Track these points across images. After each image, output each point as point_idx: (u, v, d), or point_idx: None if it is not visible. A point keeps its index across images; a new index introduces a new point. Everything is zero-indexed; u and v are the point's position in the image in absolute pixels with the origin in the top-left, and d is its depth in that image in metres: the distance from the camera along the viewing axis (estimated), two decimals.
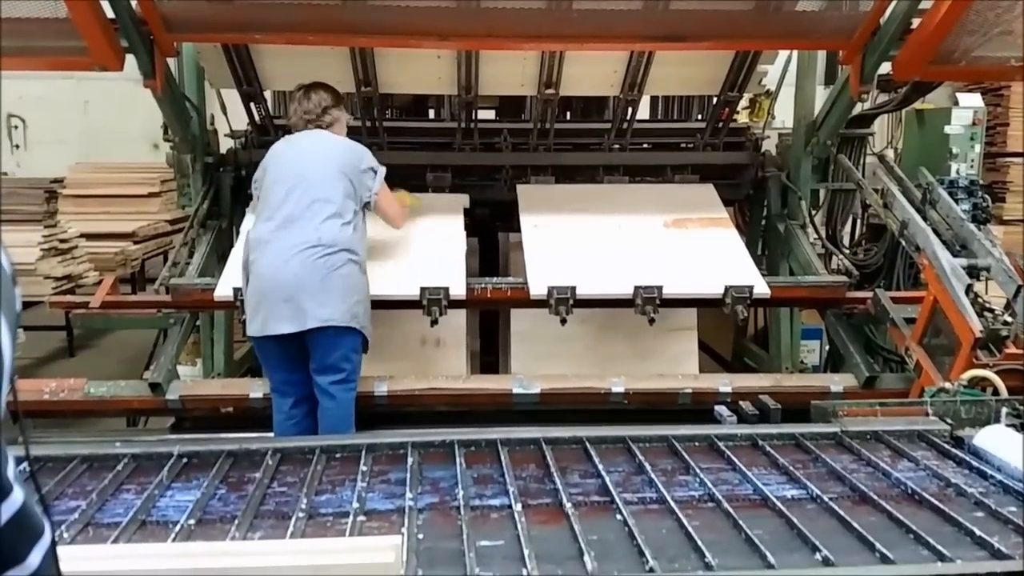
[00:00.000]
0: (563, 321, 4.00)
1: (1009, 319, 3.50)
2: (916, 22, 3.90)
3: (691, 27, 4.05)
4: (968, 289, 3.61)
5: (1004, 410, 2.51)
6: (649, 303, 3.96)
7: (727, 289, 4.01)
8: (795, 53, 5.20)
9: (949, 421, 2.49)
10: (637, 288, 3.97)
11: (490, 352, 4.83)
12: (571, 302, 3.96)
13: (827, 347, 5.23)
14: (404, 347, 4.46)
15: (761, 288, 4.08)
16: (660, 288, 3.96)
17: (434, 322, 3.98)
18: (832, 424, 2.45)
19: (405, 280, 4.00)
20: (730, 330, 5.47)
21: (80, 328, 6.76)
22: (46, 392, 3.83)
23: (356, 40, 4.22)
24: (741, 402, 2.62)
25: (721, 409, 2.60)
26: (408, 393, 3.93)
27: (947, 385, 2.85)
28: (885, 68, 4.22)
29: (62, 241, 6.93)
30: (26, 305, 6.63)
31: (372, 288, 3.79)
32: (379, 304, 3.91)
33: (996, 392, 2.83)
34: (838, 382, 4.08)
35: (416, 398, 3.92)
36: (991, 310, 3.62)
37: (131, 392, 3.90)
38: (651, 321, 4.01)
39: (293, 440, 2.27)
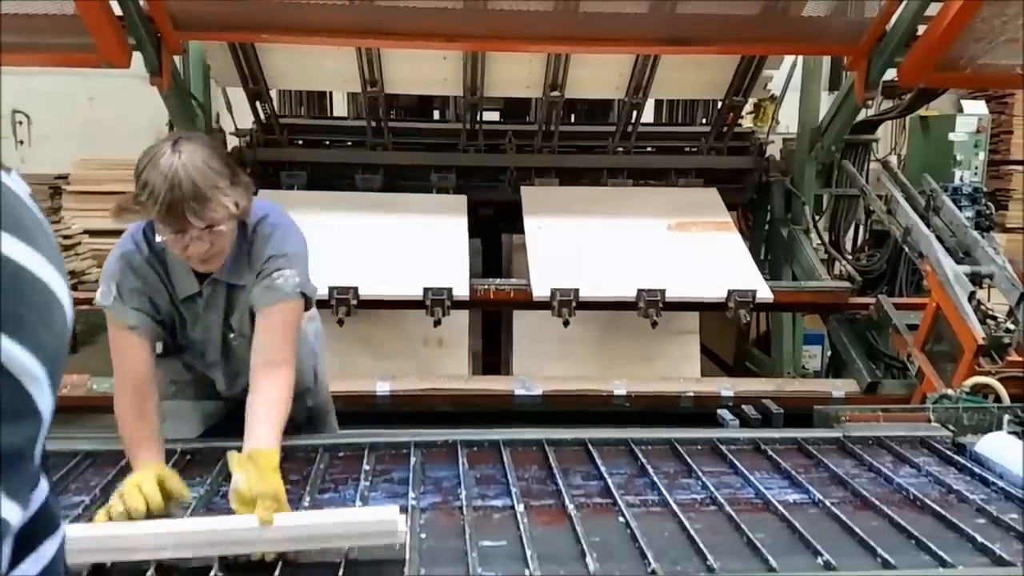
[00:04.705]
0: (566, 323, 4.01)
1: (1011, 327, 3.50)
2: (922, 29, 3.91)
3: (697, 31, 4.06)
4: (971, 296, 3.62)
5: (1006, 417, 2.51)
6: (652, 306, 3.96)
7: (730, 293, 4.02)
8: (800, 58, 5.21)
9: (951, 428, 2.49)
10: (640, 291, 3.97)
11: (492, 353, 4.83)
12: (574, 304, 3.97)
13: (829, 352, 5.23)
14: (406, 347, 4.46)
15: (764, 293, 4.08)
16: (663, 291, 3.97)
17: (437, 322, 3.98)
18: (835, 429, 2.44)
19: (408, 280, 4.01)
20: (733, 334, 5.47)
21: (83, 324, 6.76)
22: None
23: (363, 40, 4.22)
24: (744, 406, 2.62)
25: (724, 413, 2.60)
26: (410, 393, 3.93)
27: (949, 392, 2.85)
28: (890, 74, 4.22)
29: (66, 237, 6.93)
30: None
31: (376, 287, 3.80)
32: (382, 304, 3.93)
33: (998, 399, 2.83)
34: (840, 387, 4.08)
35: (418, 398, 3.92)
36: (994, 317, 3.63)
37: None
38: (654, 324, 4.01)
39: (296, 438, 2.26)
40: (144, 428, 1.98)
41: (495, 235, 5.04)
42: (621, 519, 1.80)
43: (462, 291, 4.00)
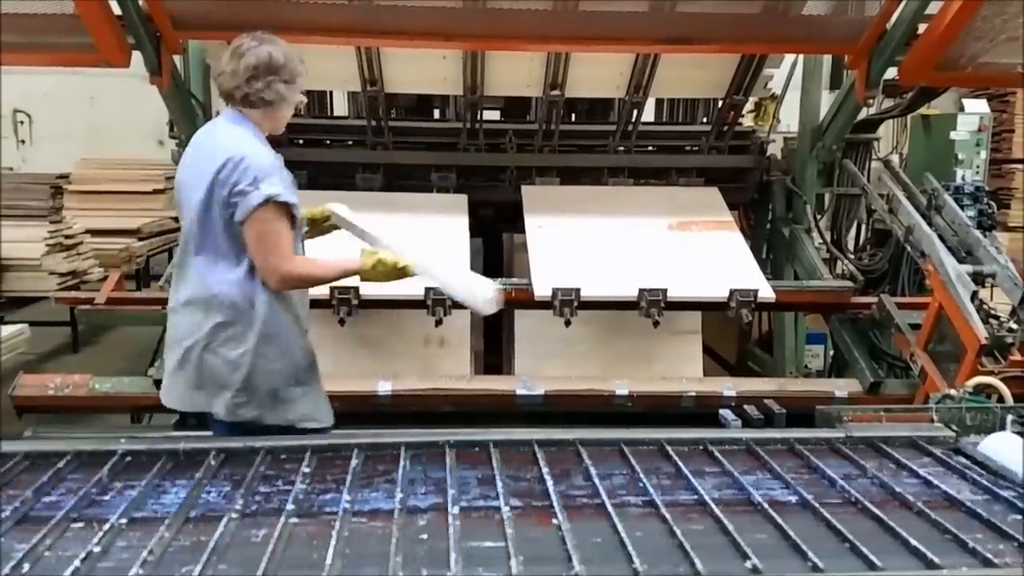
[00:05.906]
0: (567, 323, 3.99)
1: (1014, 326, 3.49)
2: (922, 28, 3.89)
3: (697, 29, 4.05)
4: (973, 295, 3.60)
5: (1010, 417, 2.49)
6: (653, 306, 3.94)
7: (732, 293, 4.00)
8: (801, 57, 5.19)
9: (954, 428, 2.47)
10: (641, 291, 3.95)
11: (493, 353, 4.82)
12: (576, 304, 3.95)
13: (831, 352, 5.22)
14: (407, 347, 4.45)
15: (766, 292, 4.06)
16: (664, 291, 3.95)
17: (438, 322, 3.97)
18: (836, 429, 2.42)
19: (409, 280, 3.99)
20: (735, 334, 5.46)
21: (84, 324, 6.76)
22: (51, 387, 3.83)
23: (362, 39, 4.22)
24: (746, 406, 2.61)
25: (726, 413, 2.58)
26: (411, 393, 3.91)
27: (952, 392, 2.82)
28: (891, 73, 4.20)
29: (67, 237, 6.95)
30: (31, 300, 6.67)
31: (375, 287, 3.78)
32: (383, 304, 3.91)
33: (1001, 399, 2.81)
34: (842, 387, 4.06)
35: (420, 398, 3.91)
36: (996, 317, 3.61)
37: (135, 388, 3.89)
38: (655, 324, 4.00)
39: (285, 439, 2.25)
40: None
41: (496, 234, 5.03)
42: (608, 521, 1.79)
43: None
